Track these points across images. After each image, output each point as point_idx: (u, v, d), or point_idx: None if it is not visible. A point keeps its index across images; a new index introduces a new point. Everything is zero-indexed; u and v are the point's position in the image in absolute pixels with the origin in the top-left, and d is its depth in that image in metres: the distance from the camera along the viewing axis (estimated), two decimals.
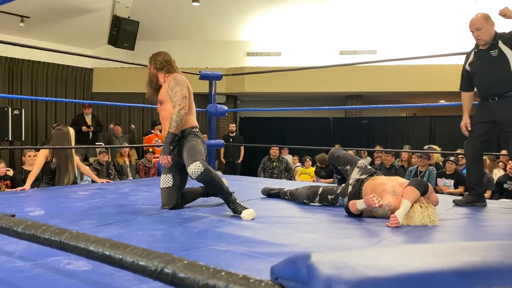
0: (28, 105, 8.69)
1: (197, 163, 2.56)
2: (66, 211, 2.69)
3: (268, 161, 8.09)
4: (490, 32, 2.85)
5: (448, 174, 6.27)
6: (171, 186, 2.83)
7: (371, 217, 2.62)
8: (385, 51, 9.29)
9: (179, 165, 2.81)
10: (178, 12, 8.83)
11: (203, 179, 2.58)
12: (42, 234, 0.55)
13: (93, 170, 6.63)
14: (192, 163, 2.57)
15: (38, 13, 7.86)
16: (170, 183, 2.83)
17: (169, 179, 2.84)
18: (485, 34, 2.86)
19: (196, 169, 2.55)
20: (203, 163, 2.58)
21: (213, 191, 2.78)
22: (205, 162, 2.62)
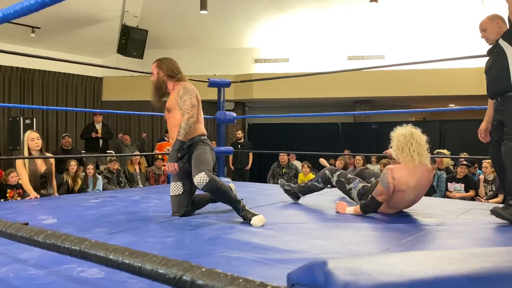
0: (39, 114, 8.80)
1: (202, 174, 2.58)
2: (78, 219, 2.72)
3: (278, 167, 8.09)
4: (496, 31, 2.81)
5: (458, 178, 6.22)
6: (181, 194, 2.85)
7: (382, 221, 2.62)
8: (393, 56, 9.27)
9: (189, 172, 2.82)
10: (186, 20, 8.90)
11: (209, 189, 2.61)
12: (62, 243, 0.56)
13: (104, 178, 6.69)
14: (197, 173, 2.60)
15: (49, 24, 7.97)
16: (180, 190, 2.85)
17: (179, 187, 2.86)
18: (491, 34, 2.83)
19: (201, 179, 2.58)
20: (208, 173, 2.60)
21: (221, 200, 2.77)
22: (211, 172, 2.64)
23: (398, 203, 2.88)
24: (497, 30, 2.80)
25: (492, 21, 2.83)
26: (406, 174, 2.76)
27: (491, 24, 2.82)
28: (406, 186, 2.77)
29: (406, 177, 2.75)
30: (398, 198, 2.82)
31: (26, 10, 0.97)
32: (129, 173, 7.16)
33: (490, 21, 2.84)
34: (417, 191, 2.84)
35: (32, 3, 0.86)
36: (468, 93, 9.17)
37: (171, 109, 2.95)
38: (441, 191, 6.19)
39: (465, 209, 3.19)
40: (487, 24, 2.84)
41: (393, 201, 2.84)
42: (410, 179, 2.76)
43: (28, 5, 0.94)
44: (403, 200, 2.85)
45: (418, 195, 2.89)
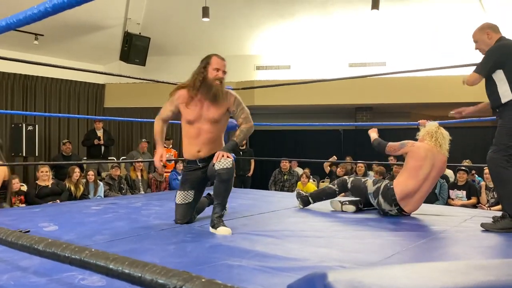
0: (41, 121, 8.82)
1: (230, 159, 2.58)
2: (79, 226, 2.72)
3: (279, 174, 8.08)
4: (486, 43, 2.78)
5: (460, 186, 6.20)
6: (191, 203, 2.82)
7: (385, 228, 2.61)
8: (394, 63, 9.28)
9: (203, 181, 2.84)
10: (188, 27, 8.94)
11: (225, 175, 2.55)
12: (62, 252, 0.56)
13: (105, 184, 6.69)
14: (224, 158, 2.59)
15: (52, 31, 8.02)
16: (190, 199, 2.82)
17: (190, 196, 2.81)
18: (481, 45, 2.81)
19: (226, 163, 2.54)
20: (233, 162, 2.61)
21: (221, 192, 2.65)
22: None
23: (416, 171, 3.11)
24: (487, 42, 2.77)
25: (482, 32, 2.80)
26: (426, 149, 3.14)
27: (481, 36, 2.79)
28: (423, 159, 3.10)
29: (425, 152, 3.12)
30: (415, 170, 3.10)
31: (29, 19, 0.98)
32: (131, 180, 7.16)
33: (480, 32, 2.81)
34: (432, 171, 3.13)
35: (35, 12, 0.87)
36: (469, 100, 9.13)
37: (218, 120, 2.80)
38: (443, 199, 6.17)
39: (468, 217, 3.18)
40: (477, 35, 2.82)
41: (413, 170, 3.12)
42: (429, 155, 3.12)
43: (31, 14, 0.95)
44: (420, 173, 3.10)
45: (433, 176, 3.16)
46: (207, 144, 2.79)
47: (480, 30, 2.82)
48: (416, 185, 3.10)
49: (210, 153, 2.78)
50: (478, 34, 2.82)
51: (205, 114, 2.75)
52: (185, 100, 2.77)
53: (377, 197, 3.13)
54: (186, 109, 2.77)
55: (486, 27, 2.80)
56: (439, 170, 3.22)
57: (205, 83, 2.75)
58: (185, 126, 2.81)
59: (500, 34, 2.80)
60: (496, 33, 2.78)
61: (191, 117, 2.75)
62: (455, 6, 8.04)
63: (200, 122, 2.76)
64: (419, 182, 3.11)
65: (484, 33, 2.78)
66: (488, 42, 2.77)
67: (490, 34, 2.76)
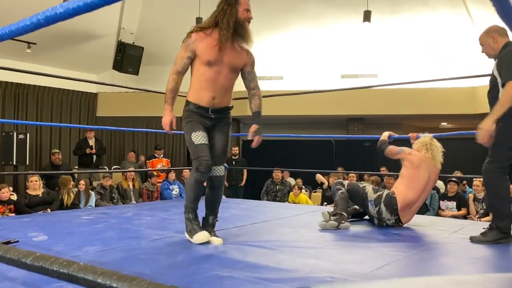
0: (33, 129, 8.77)
1: (223, 167, 2.63)
2: (70, 236, 2.70)
3: (272, 184, 8.08)
4: (491, 47, 2.69)
5: (450, 197, 6.24)
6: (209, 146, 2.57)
7: (376, 239, 2.62)
8: (386, 75, 9.38)
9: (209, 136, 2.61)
10: (182, 37, 8.95)
11: (218, 182, 2.63)
12: (50, 266, 0.56)
13: (97, 194, 6.64)
14: (221, 165, 2.61)
15: (45, 40, 8.01)
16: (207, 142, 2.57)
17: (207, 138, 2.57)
18: (487, 49, 2.73)
19: (220, 170, 2.61)
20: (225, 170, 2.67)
21: (213, 200, 2.65)
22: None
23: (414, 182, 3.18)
24: (492, 46, 2.69)
25: (487, 36, 2.71)
26: (421, 159, 3.22)
27: (487, 39, 2.71)
28: (417, 167, 3.19)
29: (419, 161, 3.21)
30: (413, 180, 3.18)
31: (22, 30, 0.99)
32: (123, 189, 7.12)
33: (486, 35, 2.72)
34: (429, 183, 3.22)
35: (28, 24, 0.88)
36: (460, 112, 9.27)
37: (237, 69, 2.65)
38: (434, 210, 6.21)
39: (457, 228, 3.20)
40: (483, 39, 2.73)
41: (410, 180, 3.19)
42: (424, 165, 3.20)
43: (23, 26, 0.95)
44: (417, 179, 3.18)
45: (429, 189, 3.26)
46: (222, 92, 2.60)
47: (486, 34, 2.72)
48: (416, 196, 3.16)
49: (222, 104, 2.63)
50: (484, 38, 2.73)
51: (226, 58, 2.55)
52: (204, 40, 2.54)
53: (379, 205, 3.13)
54: (205, 49, 2.52)
55: (492, 30, 2.70)
56: (434, 182, 3.32)
57: (237, 24, 2.52)
58: (201, 68, 2.55)
59: (507, 38, 2.69)
60: (502, 37, 2.67)
61: (212, 58, 2.51)
62: (445, 19, 8.17)
63: (220, 65, 2.54)
64: (418, 193, 3.17)
65: (490, 37, 2.69)
66: (493, 46, 2.68)
67: (496, 38, 2.67)
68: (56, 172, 6.94)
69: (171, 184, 7.38)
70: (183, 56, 2.58)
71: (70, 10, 0.83)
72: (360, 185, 3.36)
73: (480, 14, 7.44)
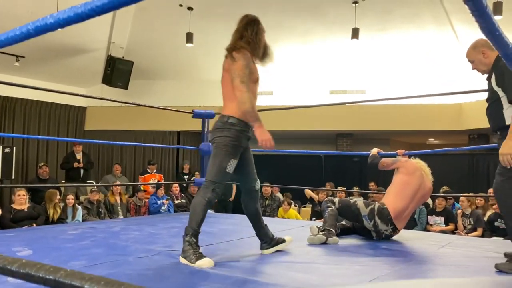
0: (19, 143, 8.66)
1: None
2: (55, 251, 2.65)
3: (261, 199, 8.06)
4: (483, 62, 2.54)
5: (438, 212, 6.29)
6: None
7: (364, 254, 2.62)
8: (374, 91, 9.51)
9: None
10: (172, 52, 9.02)
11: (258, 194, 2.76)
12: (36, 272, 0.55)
13: (84, 208, 6.55)
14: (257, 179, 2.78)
15: (34, 53, 7.98)
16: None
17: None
18: (479, 65, 2.57)
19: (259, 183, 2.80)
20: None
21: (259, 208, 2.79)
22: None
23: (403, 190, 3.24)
24: (483, 61, 2.54)
25: (476, 52, 2.56)
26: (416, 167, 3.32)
27: (476, 55, 2.55)
28: (412, 173, 3.27)
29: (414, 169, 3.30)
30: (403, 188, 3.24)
31: (11, 40, 0.99)
32: (110, 204, 7.04)
33: (474, 51, 2.57)
34: (418, 192, 3.27)
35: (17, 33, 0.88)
36: (446, 128, 9.41)
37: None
38: (422, 224, 6.24)
39: (445, 242, 3.22)
40: (472, 55, 2.58)
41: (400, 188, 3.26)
42: (418, 174, 3.29)
43: (13, 36, 0.95)
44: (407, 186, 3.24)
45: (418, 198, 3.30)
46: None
47: (474, 49, 2.57)
48: (405, 204, 3.23)
49: None
50: (472, 54, 2.58)
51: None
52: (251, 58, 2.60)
53: (373, 218, 3.16)
54: (254, 67, 2.61)
55: (480, 45, 2.55)
56: (425, 194, 3.36)
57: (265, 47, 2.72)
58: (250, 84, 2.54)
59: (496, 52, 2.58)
60: (492, 50, 2.49)
61: (258, 76, 2.64)
62: (431, 36, 8.34)
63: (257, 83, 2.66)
64: (407, 201, 3.24)
65: (479, 52, 2.54)
66: (485, 61, 2.53)
67: (486, 53, 2.52)
68: (42, 185, 6.84)
69: (159, 198, 7.32)
70: (246, 73, 2.50)
71: (60, 21, 0.84)
72: (351, 200, 3.37)
73: (465, 32, 7.62)
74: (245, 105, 2.42)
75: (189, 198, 8.02)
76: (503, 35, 0.79)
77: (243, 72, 2.45)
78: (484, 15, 0.68)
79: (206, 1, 7.63)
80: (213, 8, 7.85)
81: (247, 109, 2.42)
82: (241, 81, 2.43)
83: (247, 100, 2.42)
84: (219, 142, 2.49)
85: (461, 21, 7.55)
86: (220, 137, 2.49)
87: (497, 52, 2.49)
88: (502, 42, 0.81)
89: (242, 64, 2.46)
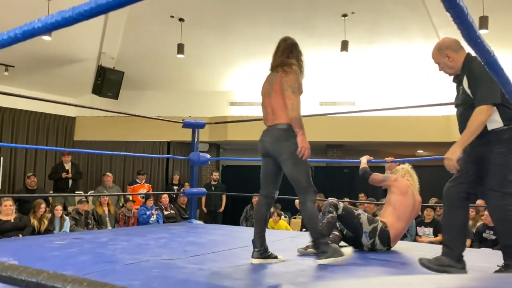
0: (7, 152, 8.57)
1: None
2: (41, 261, 2.61)
3: (251, 209, 8.03)
4: (448, 65, 2.44)
5: (427, 223, 6.32)
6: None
7: (355, 264, 2.61)
8: (363, 102, 9.59)
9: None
10: (163, 63, 9.04)
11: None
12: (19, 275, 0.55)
13: (72, 219, 6.47)
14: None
15: (23, 63, 7.94)
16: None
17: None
18: (444, 68, 2.49)
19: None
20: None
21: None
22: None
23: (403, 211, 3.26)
24: (449, 64, 2.44)
25: (440, 54, 2.46)
26: (407, 185, 3.34)
27: (441, 58, 2.46)
28: (405, 193, 3.28)
29: (406, 187, 3.31)
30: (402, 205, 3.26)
31: None
32: (98, 215, 6.96)
33: (438, 53, 2.48)
34: (413, 206, 3.31)
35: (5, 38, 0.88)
36: (435, 140, 9.50)
37: None
38: (412, 236, 6.26)
39: (434, 253, 3.22)
40: (437, 58, 2.49)
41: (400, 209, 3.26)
42: (410, 192, 3.30)
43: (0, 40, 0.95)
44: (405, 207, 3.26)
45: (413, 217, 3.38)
46: None
47: (438, 52, 2.48)
48: (405, 226, 3.32)
49: None
50: (437, 56, 2.49)
51: None
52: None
53: (374, 237, 3.17)
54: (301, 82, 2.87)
55: (445, 47, 2.45)
56: (417, 209, 3.44)
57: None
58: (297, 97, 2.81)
59: (464, 51, 2.44)
60: (457, 52, 2.43)
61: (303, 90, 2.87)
62: (419, 49, 8.47)
63: None
64: (406, 222, 3.32)
65: (444, 56, 2.44)
66: (450, 64, 2.44)
67: (451, 56, 2.42)
68: (30, 195, 6.76)
69: (148, 209, 7.26)
70: (296, 86, 2.75)
71: (48, 25, 0.84)
72: (355, 212, 3.27)
73: None
74: (294, 112, 2.68)
75: (178, 209, 7.96)
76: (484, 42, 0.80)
77: (294, 84, 2.71)
78: (465, 23, 0.70)
79: (197, 13, 7.68)
80: (204, 20, 7.90)
81: (295, 116, 2.68)
82: (292, 91, 2.69)
83: (297, 108, 2.69)
84: (292, 149, 2.69)
85: (448, 34, 7.66)
86: (288, 145, 2.72)
87: (465, 54, 2.44)
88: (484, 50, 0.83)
89: (294, 77, 2.73)
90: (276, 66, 2.87)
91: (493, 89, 2.22)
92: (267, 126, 2.86)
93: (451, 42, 2.46)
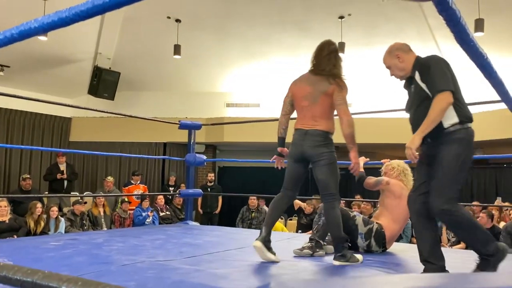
0: (2, 153, 8.53)
1: None
2: (36, 262, 2.60)
3: (247, 211, 8.03)
4: (399, 67, 2.42)
5: None
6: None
7: (351, 266, 2.63)
8: (360, 104, 9.61)
9: None
10: (160, 64, 9.03)
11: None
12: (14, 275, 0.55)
13: (67, 220, 6.45)
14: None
15: (19, 63, 7.92)
16: None
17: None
18: (395, 70, 2.47)
19: None
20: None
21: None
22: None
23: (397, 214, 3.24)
24: (399, 66, 2.42)
25: (391, 56, 2.45)
26: (401, 187, 3.29)
27: (391, 60, 2.45)
28: (399, 196, 3.23)
29: (400, 190, 3.26)
30: (397, 207, 3.23)
31: None
32: (93, 216, 6.94)
33: (389, 56, 2.46)
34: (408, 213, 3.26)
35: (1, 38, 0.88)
36: None
37: None
38: (407, 237, 6.28)
39: None
40: (388, 60, 2.47)
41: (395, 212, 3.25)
42: (404, 194, 3.13)
43: None
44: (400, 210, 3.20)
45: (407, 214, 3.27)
46: None
47: (389, 54, 2.47)
48: (400, 228, 3.34)
49: None
50: (388, 59, 2.47)
51: None
52: None
53: (369, 239, 3.18)
54: None
55: (395, 49, 2.45)
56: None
57: None
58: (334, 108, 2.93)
59: (414, 53, 2.44)
60: (407, 53, 2.42)
61: None
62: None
63: None
64: (402, 224, 3.33)
65: (394, 57, 2.43)
66: (401, 66, 2.41)
67: (402, 57, 2.41)
68: (25, 196, 6.73)
69: (143, 211, 7.25)
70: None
71: (44, 25, 0.84)
72: (351, 213, 3.32)
73: (448, 47, 7.78)
74: (351, 128, 2.83)
75: (174, 210, 7.95)
76: (477, 45, 0.81)
77: (346, 99, 2.85)
78: (458, 25, 0.70)
79: (194, 14, 7.68)
80: (201, 21, 7.90)
81: (352, 132, 2.83)
82: (347, 107, 2.82)
83: (353, 125, 2.84)
84: (331, 157, 2.86)
85: (444, 37, 7.72)
86: (328, 152, 2.86)
87: (415, 56, 2.44)
88: (477, 52, 0.84)
89: (347, 93, 2.86)
90: (322, 71, 2.88)
91: (448, 78, 2.23)
92: (304, 129, 2.92)
93: (401, 45, 2.49)
